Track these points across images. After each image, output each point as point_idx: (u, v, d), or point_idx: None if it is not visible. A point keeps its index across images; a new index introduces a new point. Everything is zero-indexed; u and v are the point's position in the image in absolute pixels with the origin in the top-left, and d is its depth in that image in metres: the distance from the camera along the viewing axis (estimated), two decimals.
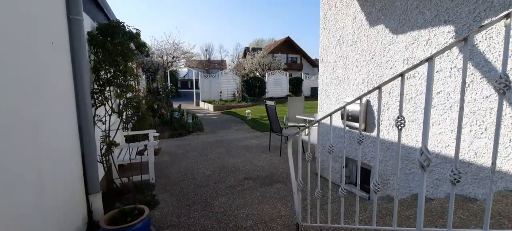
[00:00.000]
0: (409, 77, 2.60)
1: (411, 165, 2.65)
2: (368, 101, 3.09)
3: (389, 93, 2.82)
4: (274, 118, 5.13)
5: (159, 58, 11.66)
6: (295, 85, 19.98)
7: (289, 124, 6.43)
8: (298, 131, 2.10)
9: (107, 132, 3.11)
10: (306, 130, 2.94)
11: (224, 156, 5.14)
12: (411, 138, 2.63)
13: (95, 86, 3.03)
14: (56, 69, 2.10)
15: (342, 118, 3.32)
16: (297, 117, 5.78)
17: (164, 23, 76.31)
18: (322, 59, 3.77)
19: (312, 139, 5.07)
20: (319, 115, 3.92)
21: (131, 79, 3.42)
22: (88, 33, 3.04)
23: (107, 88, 3.12)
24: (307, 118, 5.34)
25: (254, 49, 22.31)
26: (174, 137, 7.03)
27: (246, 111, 10.32)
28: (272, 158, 4.97)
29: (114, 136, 3.18)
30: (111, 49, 3.05)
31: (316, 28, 3.82)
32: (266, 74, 18.25)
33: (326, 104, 3.77)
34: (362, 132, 3.17)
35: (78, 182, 2.47)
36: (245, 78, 16.93)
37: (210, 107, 14.20)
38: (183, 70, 30.84)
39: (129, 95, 3.43)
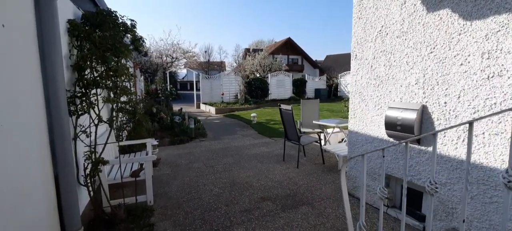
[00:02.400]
0: (493, 76, 1.97)
1: (493, 192, 2.01)
2: (424, 108, 2.44)
3: (458, 97, 2.18)
4: (291, 124, 4.47)
5: (158, 59, 11.02)
6: (299, 87, 19.31)
7: (303, 129, 5.78)
8: (362, 153, 1.45)
9: (93, 146, 2.46)
10: (383, 150, 2.29)
11: (233, 168, 4.48)
12: (494, 156, 1.99)
13: (78, 89, 2.38)
14: (10, 63, 1.45)
15: (387, 128, 2.67)
16: (314, 122, 5.13)
17: (163, 23, 75.67)
18: (356, 55, 3.13)
19: (332, 148, 4.43)
20: (351, 122, 3.27)
21: (125, 79, 2.78)
22: (69, 21, 2.39)
23: (93, 91, 2.47)
24: (328, 124, 4.69)
25: (254, 50, 21.64)
26: (175, 144, 6.36)
27: (252, 115, 9.67)
28: (289, 170, 4.31)
29: (102, 151, 2.53)
30: (98, 42, 2.40)
31: (318, 28, 3.18)
32: (269, 76, 17.57)
33: (360, 110, 3.13)
34: (416, 146, 2.53)
35: (49, 218, 1.81)
36: (247, 80, 16.25)
37: (211, 110, 13.53)
38: (182, 72, 30.18)
39: (123, 98, 2.79)
